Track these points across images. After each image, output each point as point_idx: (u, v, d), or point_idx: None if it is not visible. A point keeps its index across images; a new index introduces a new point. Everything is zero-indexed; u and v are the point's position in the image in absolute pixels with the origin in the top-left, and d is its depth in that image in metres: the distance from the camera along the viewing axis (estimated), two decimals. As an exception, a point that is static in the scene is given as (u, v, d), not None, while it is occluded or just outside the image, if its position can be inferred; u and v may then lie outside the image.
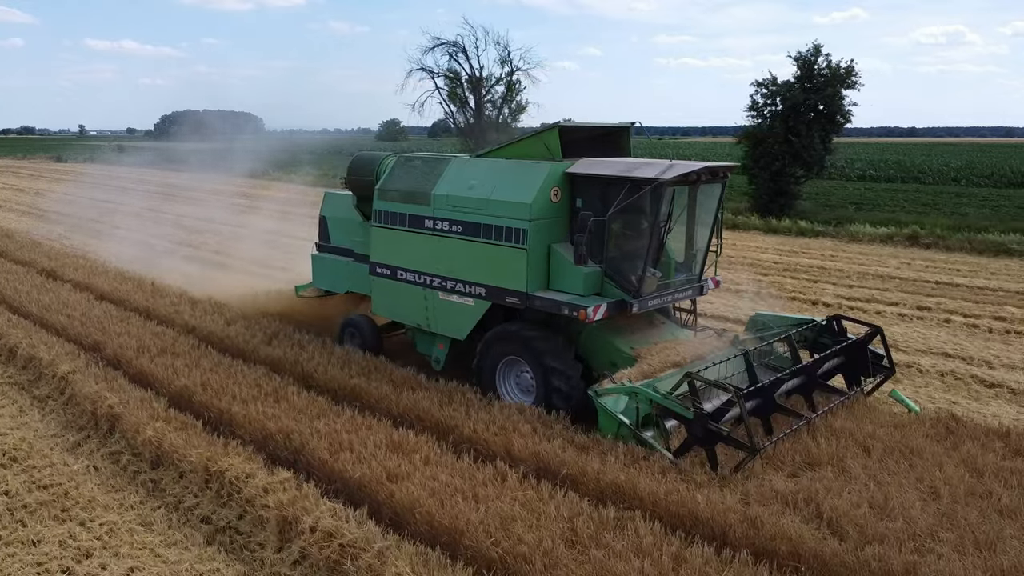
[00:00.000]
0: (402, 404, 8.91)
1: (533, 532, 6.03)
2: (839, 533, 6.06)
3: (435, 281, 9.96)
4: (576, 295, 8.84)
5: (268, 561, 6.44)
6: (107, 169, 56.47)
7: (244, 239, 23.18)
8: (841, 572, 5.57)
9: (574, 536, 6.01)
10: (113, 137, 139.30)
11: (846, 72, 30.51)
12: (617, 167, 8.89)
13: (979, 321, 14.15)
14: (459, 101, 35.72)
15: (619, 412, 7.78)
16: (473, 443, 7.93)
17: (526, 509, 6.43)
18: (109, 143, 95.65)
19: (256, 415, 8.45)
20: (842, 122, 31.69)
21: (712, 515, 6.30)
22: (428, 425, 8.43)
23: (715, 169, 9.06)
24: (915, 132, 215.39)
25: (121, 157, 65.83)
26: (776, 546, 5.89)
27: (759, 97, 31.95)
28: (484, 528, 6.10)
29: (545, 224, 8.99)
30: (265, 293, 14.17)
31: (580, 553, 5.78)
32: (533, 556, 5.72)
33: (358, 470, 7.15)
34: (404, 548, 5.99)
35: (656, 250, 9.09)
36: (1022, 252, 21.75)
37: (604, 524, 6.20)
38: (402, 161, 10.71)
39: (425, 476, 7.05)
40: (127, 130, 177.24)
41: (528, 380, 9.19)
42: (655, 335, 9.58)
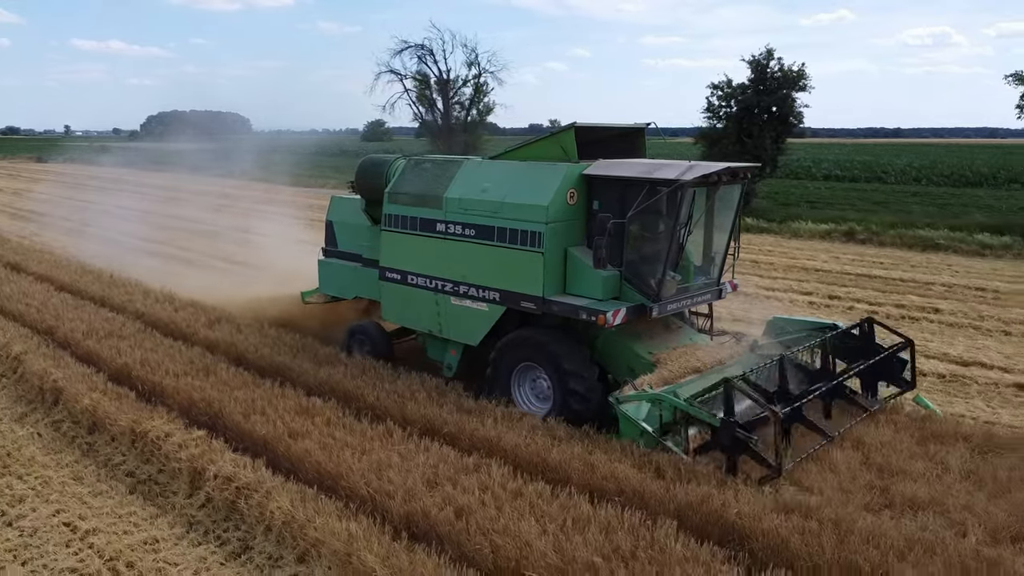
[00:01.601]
0: (319, 377, 9.90)
1: (401, 475, 7.05)
2: (661, 474, 7.10)
3: (447, 286, 9.75)
4: (594, 299, 8.66)
5: (179, 505, 7.43)
6: (87, 169, 57.16)
7: (213, 237, 24.10)
8: (652, 503, 6.60)
9: (435, 478, 7.03)
10: (98, 137, 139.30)
11: (797, 75, 31.71)
12: (636, 168, 8.73)
13: (880, 308, 15.25)
14: (428, 103, 36.75)
15: (641, 419, 7.62)
16: (373, 408, 8.94)
17: (402, 458, 7.46)
18: (92, 143, 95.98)
19: (184, 387, 9.42)
20: (794, 123, 32.91)
21: (559, 462, 7.34)
22: (338, 395, 9.42)
23: (735, 170, 8.85)
24: (900, 133, 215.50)
25: (103, 157, 66.40)
26: (606, 485, 6.93)
27: (715, 99, 33.15)
28: (361, 473, 7.12)
29: (562, 227, 8.81)
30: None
31: (436, 489, 6.80)
32: (396, 492, 6.75)
33: (264, 429, 8.15)
34: (287, 487, 7.00)
35: (676, 253, 8.96)
36: (949, 247, 22.91)
37: (464, 469, 7.22)
38: (413, 164, 10.56)
39: (323, 434, 8.05)
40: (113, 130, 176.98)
41: (544, 387, 9.04)
42: (673, 340, 9.39)
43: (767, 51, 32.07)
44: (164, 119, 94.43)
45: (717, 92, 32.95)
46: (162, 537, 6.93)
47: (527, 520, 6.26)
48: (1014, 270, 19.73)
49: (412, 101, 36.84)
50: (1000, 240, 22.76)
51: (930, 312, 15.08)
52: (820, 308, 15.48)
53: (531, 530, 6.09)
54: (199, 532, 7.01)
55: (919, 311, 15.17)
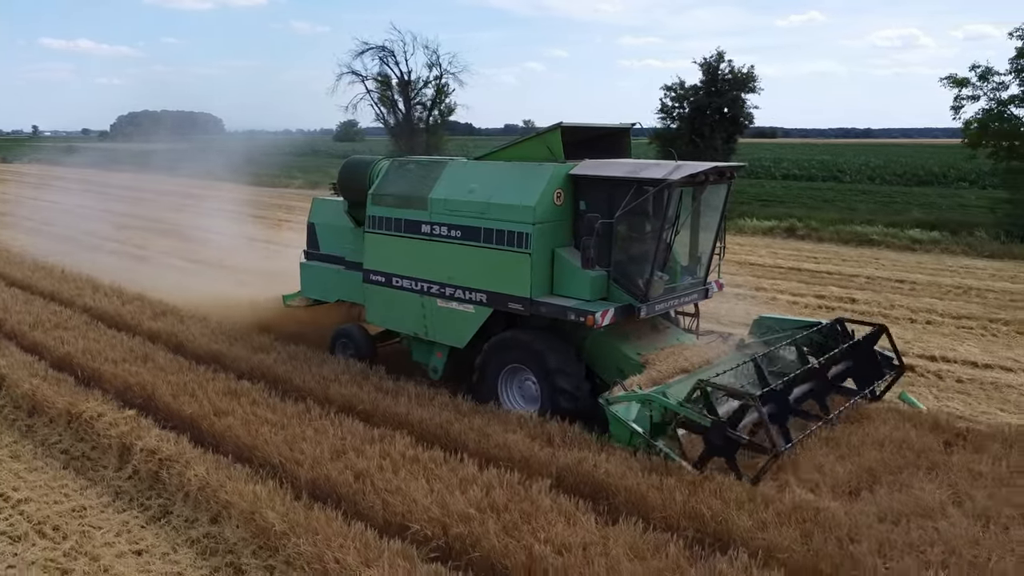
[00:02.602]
0: (251, 363, 10.52)
1: (312, 446, 7.71)
2: (551, 442, 7.82)
3: (433, 288, 9.68)
4: (582, 300, 8.64)
5: (108, 477, 8.02)
6: (53, 170, 56.88)
7: (171, 235, 24.53)
8: (535, 465, 7.32)
9: (342, 448, 7.69)
10: (67, 138, 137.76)
11: (746, 78, 32.79)
12: (623, 168, 8.71)
13: (800, 299, 16.16)
14: (389, 104, 37.35)
15: (631, 420, 7.60)
16: (299, 390, 9.58)
17: (316, 432, 8.11)
18: (58, 144, 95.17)
19: (121, 372, 10.00)
20: (745, 124, 34.02)
21: (458, 433, 8.06)
22: (268, 378, 10.05)
23: (722, 169, 8.89)
24: (871, 133, 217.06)
25: (70, 158, 66.08)
26: (498, 452, 7.65)
27: (668, 100, 34.16)
28: (275, 445, 7.77)
29: (549, 228, 8.78)
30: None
31: (341, 458, 7.46)
32: (304, 461, 7.41)
33: (191, 408, 8.77)
34: (206, 458, 7.63)
35: (663, 253, 8.94)
36: (882, 242, 23.94)
37: (370, 440, 7.90)
38: (396, 165, 10.49)
39: (246, 412, 8.67)
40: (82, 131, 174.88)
41: (532, 388, 9.03)
42: (661, 340, 9.40)
43: (718, 54, 33.17)
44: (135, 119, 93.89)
45: (670, 93, 33.99)
46: (90, 505, 7.53)
47: (419, 481, 6.96)
48: (936, 263, 20.77)
49: (374, 102, 37.42)
50: (929, 235, 23.84)
51: (846, 302, 16.00)
52: (745, 299, 16.31)
53: (420, 489, 6.78)
54: (124, 500, 7.61)
55: (836, 301, 16.08)
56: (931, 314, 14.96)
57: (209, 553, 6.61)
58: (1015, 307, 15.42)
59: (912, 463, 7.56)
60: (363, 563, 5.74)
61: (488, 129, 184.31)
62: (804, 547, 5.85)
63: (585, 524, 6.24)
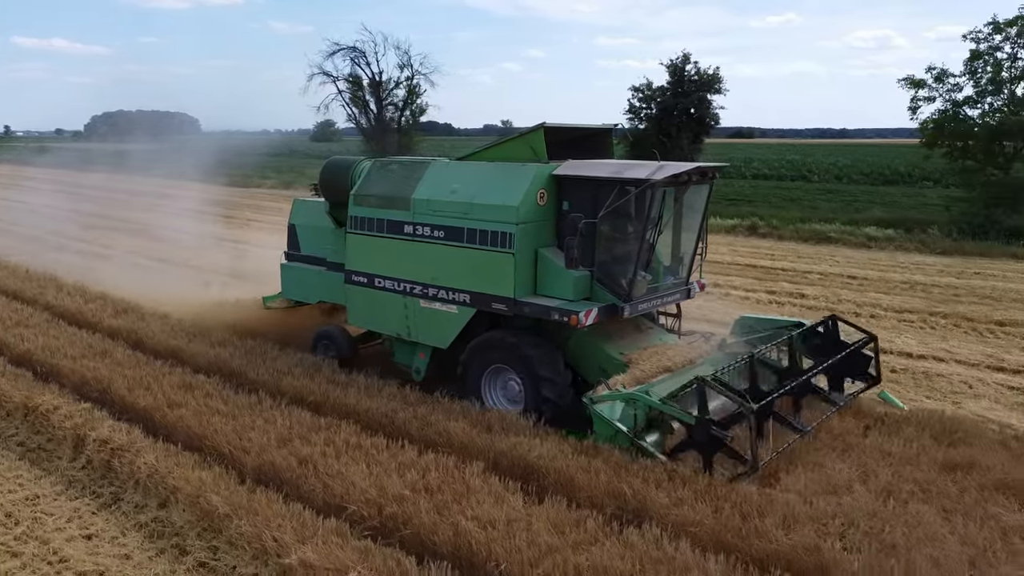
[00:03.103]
0: (208, 357, 10.79)
1: (260, 435, 8.02)
2: (491, 429, 8.19)
3: (416, 288, 9.69)
4: (566, 300, 8.67)
5: (62, 468, 8.28)
6: (23, 170, 56.38)
7: (138, 235, 24.64)
8: (472, 450, 7.70)
9: (289, 436, 8.01)
10: (40, 138, 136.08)
11: (711, 79, 33.39)
12: (606, 168, 8.76)
13: (752, 294, 16.68)
14: (361, 104, 37.56)
15: (615, 419, 7.65)
16: (253, 383, 9.86)
17: (265, 422, 8.42)
18: (29, 144, 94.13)
19: (79, 367, 10.23)
20: (711, 124, 34.63)
21: (403, 421, 8.41)
22: (223, 372, 10.33)
23: (704, 169, 8.98)
24: (846, 133, 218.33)
25: (42, 158, 65.47)
26: (438, 438, 8.01)
27: (636, 101, 34.70)
28: (224, 434, 8.07)
29: (532, 228, 8.81)
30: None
31: (287, 445, 7.78)
32: (251, 448, 7.73)
33: (145, 401, 9.04)
34: (156, 447, 7.92)
35: (647, 253, 8.95)
36: (839, 239, 24.59)
37: (316, 428, 8.23)
38: (379, 165, 10.47)
39: (199, 404, 8.96)
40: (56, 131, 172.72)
41: (515, 388, 9.07)
42: (643, 340, 9.45)
43: (684, 55, 33.76)
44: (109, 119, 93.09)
45: (638, 94, 34.53)
46: (43, 494, 7.78)
47: (359, 466, 7.29)
48: (889, 260, 21.42)
49: (346, 102, 37.63)
50: (884, 233, 24.53)
51: (796, 297, 16.55)
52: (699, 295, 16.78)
53: (360, 473, 7.12)
54: (77, 489, 7.87)
55: (787, 296, 16.63)
56: (875, 308, 15.52)
57: (156, 536, 6.90)
58: (956, 301, 16.03)
59: (828, 445, 8.03)
60: (298, 540, 6.07)
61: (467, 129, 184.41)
62: (713, 520, 6.26)
63: (512, 502, 6.62)
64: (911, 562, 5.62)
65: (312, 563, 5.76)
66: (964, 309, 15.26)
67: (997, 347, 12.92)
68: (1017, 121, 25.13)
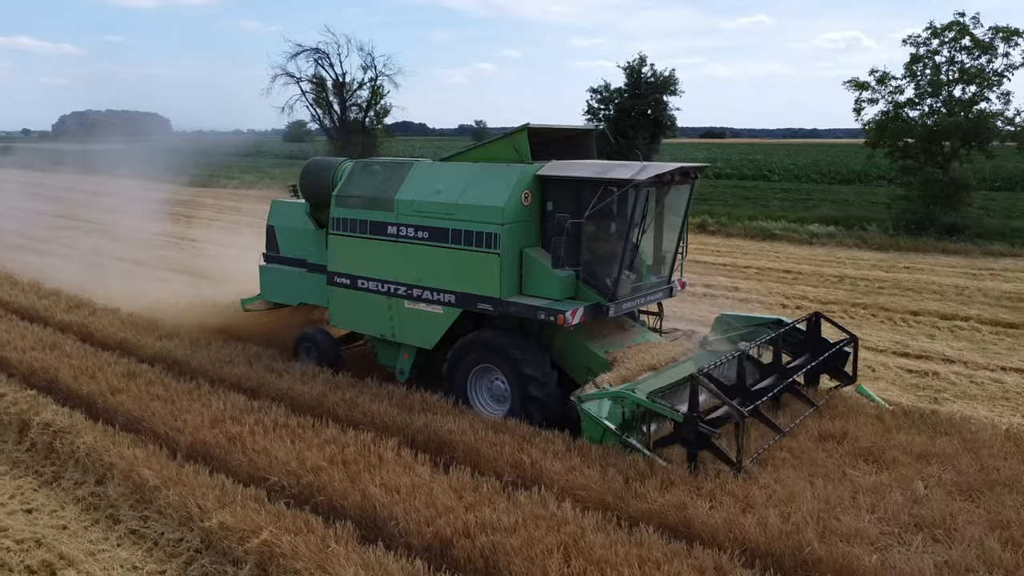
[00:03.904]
0: (155, 349, 11.31)
1: (195, 417, 8.58)
2: (412, 410, 8.82)
3: (400, 289, 9.68)
4: (551, 300, 8.73)
5: (7, 451, 8.77)
6: (-17, 171, 55.98)
7: (98, 235, 24.92)
8: (392, 428, 8.33)
9: (222, 417, 8.58)
10: (6, 137, 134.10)
11: (665, 81, 34.25)
12: (590, 169, 8.86)
13: (691, 288, 17.38)
14: (325, 105, 38.00)
15: (603, 417, 7.73)
16: (195, 371, 10.42)
17: (201, 405, 8.98)
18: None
19: (28, 358, 10.70)
20: (667, 125, 35.49)
21: (331, 404, 9.04)
22: (167, 362, 10.87)
23: (687, 170, 9.07)
24: (817, 133, 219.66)
25: (6, 158, 64.89)
26: (362, 418, 8.64)
27: (594, 102, 35.47)
28: (161, 416, 8.63)
29: (517, 228, 8.85)
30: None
31: (218, 425, 8.35)
32: (185, 428, 8.30)
33: (89, 388, 9.56)
34: (96, 428, 8.45)
35: (631, 252, 9.02)
36: (783, 236, 25.56)
37: (248, 410, 8.81)
38: (361, 166, 10.48)
39: (140, 391, 9.50)
40: (23, 131, 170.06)
41: (501, 388, 9.11)
42: (627, 339, 9.54)
43: (640, 58, 34.57)
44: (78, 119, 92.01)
45: (596, 96, 35.30)
46: (-12, 475, 8.29)
47: (284, 442, 7.90)
48: (827, 255, 22.37)
49: (309, 103, 38.02)
50: (826, 230, 25.51)
51: (730, 290, 17.38)
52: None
53: (283, 448, 7.73)
54: (21, 469, 8.38)
55: (722, 289, 17.44)
56: (802, 300, 16.37)
57: (92, 509, 7.45)
58: (878, 293, 16.96)
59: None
60: (220, 506, 6.66)
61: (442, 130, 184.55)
62: (599, 484, 6.95)
63: (419, 472, 7.26)
64: (763, 517, 6.33)
65: (230, 525, 6.35)
66: (884, 300, 16.17)
67: (906, 335, 13.80)
68: (953, 122, 26.23)
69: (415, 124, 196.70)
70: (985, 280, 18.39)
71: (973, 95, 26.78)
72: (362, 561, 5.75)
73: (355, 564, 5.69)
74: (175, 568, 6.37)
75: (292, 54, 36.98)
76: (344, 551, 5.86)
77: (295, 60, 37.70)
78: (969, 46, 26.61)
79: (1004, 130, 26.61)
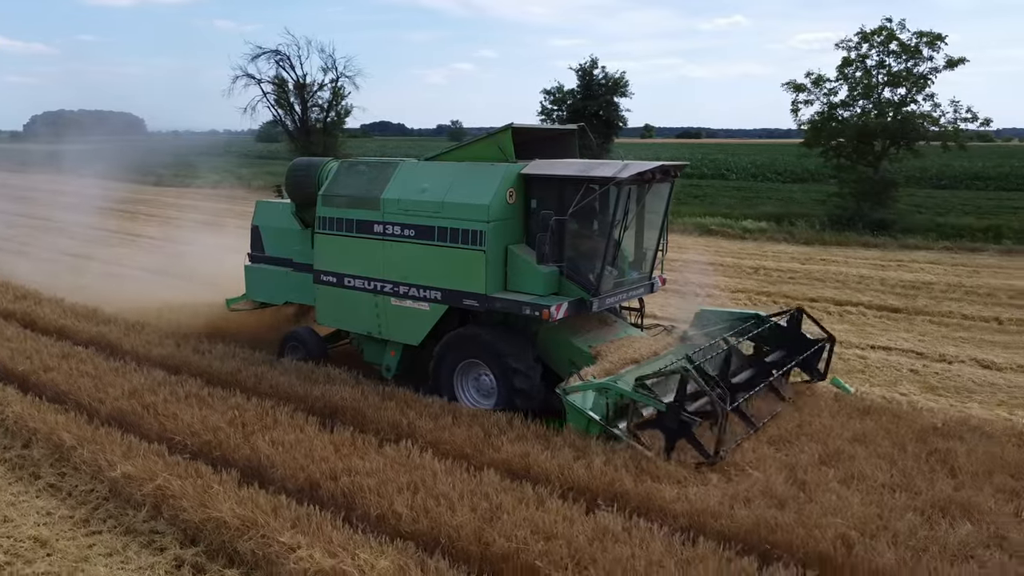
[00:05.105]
0: (91, 333, 12.20)
1: (116, 389, 9.50)
2: (315, 382, 9.80)
3: (387, 287, 9.87)
4: (536, 295, 8.97)
5: (-57, 424, 9.65)
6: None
7: (57, 233, 25.61)
8: (293, 397, 9.32)
9: (140, 389, 9.50)
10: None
11: (615, 83, 35.44)
12: (573, 167, 9.13)
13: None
14: (286, 106, 38.81)
15: (588, 408, 7.97)
16: (125, 352, 11.31)
17: (124, 380, 9.90)
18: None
19: (-32, 343, 11.57)
20: (618, 126, 36.68)
21: (244, 378, 10.02)
22: (101, 345, 11.76)
23: (667, 168, 9.30)
24: (792, 133, 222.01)
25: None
26: (268, 390, 9.64)
27: (548, 103, 36.57)
28: (86, 389, 9.55)
29: (502, 225, 9.06)
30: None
31: (136, 396, 9.29)
32: (106, 399, 9.24)
33: (24, 366, 10.46)
34: (26, 400, 9.33)
35: (613, 249, 9.24)
36: (719, 232, 26.80)
37: (166, 383, 9.74)
38: (346, 166, 10.68)
39: (71, 369, 10.39)
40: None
41: (488, 383, 9.30)
42: (609, 333, 9.77)
43: (591, 60, 35.73)
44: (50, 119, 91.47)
45: (549, 97, 36.41)
46: (-78, 447, 9.15)
47: (193, 409, 8.87)
48: (755, 249, 23.63)
49: (271, 104, 38.81)
50: (758, 225, 26.77)
51: (652, 281, 18.46)
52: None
53: (191, 414, 8.69)
54: (-47, 440, 9.26)
55: (643, 280, 18.54)
56: (715, 289, 17.52)
57: (17, 468, 8.32)
58: (784, 283, 18.21)
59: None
60: (124, 459, 7.60)
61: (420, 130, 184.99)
62: (462, 439, 7.99)
63: (307, 431, 8.27)
64: (591, 463, 7.38)
65: (131, 474, 7.32)
66: (787, 288, 17.41)
67: (799, 319, 14.96)
68: (880, 123, 27.63)
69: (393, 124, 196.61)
70: (890, 271, 19.70)
71: (902, 97, 28.21)
72: (237, 498, 6.74)
73: (231, 500, 6.67)
74: (83, 513, 7.29)
75: (253, 56, 37.74)
76: (223, 491, 6.85)
77: (255, 62, 38.44)
78: (896, 50, 28.05)
79: (929, 130, 28.06)
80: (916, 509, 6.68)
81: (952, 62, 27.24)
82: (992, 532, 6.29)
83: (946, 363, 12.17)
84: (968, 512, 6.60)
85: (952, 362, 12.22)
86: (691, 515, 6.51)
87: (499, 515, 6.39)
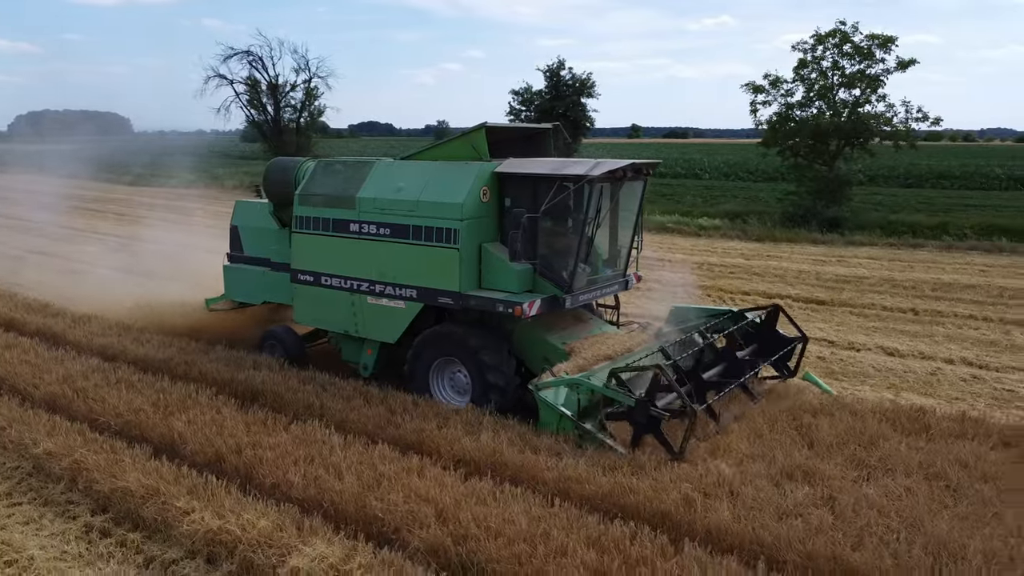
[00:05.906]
0: (38, 325, 12.77)
1: (51, 376, 10.04)
2: (242, 367, 10.37)
3: (363, 285, 9.95)
4: (510, 292, 9.05)
5: None
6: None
7: (23, 231, 26.06)
8: (218, 381, 9.89)
9: (74, 377, 10.04)
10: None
11: (583, 83, 36.12)
12: (546, 166, 9.24)
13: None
14: (259, 106, 39.29)
15: (560, 404, 8.06)
16: (68, 343, 11.84)
17: (62, 367, 10.44)
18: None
19: (-81, 334, 12.08)
20: (586, 126, 37.36)
21: (175, 364, 10.59)
22: (46, 335, 12.31)
23: (639, 166, 9.38)
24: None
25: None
26: (198, 376, 10.20)
27: (516, 103, 37.20)
28: (23, 376, 10.10)
29: (476, 224, 9.15)
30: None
31: (68, 381, 9.83)
32: (41, 384, 9.79)
33: (-20, 360, 10.98)
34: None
35: (586, 246, 9.28)
36: (675, 229, 27.47)
37: (100, 370, 10.30)
38: (323, 165, 10.76)
39: (13, 357, 10.92)
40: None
41: (463, 380, 9.42)
42: (584, 330, 9.88)
43: (559, 61, 36.37)
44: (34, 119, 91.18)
45: (518, 97, 37.04)
46: None
47: (121, 393, 9.43)
48: (706, 246, 24.34)
49: (243, 104, 39.27)
50: (712, 223, 27.49)
51: (596, 276, 19.10)
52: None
53: (117, 397, 9.25)
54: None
55: (589, 275, 19.18)
56: (656, 283, 18.11)
57: (-50, 449, 8.89)
58: (723, 276, 18.89)
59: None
60: (47, 436, 8.16)
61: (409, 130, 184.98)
62: (368, 418, 8.59)
63: (224, 412, 8.85)
64: (480, 438, 7.99)
65: (51, 450, 7.88)
66: (724, 283, 18.09)
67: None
68: (833, 122, 28.39)
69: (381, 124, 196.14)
70: (829, 266, 20.44)
71: (857, 98, 28.98)
72: (144, 469, 7.33)
73: (138, 471, 7.26)
74: (7, 487, 7.80)
75: (225, 57, 38.20)
76: (132, 464, 7.45)
77: (227, 63, 38.89)
78: (850, 52, 28.81)
79: (881, 130, 28.84)
80: (768, 476, 7.33)
81: (903, 63, 28.04)
82: (826, 495, 6.93)
83: (854, 351, 12.86)
84: (811, 477, 7.25)
85: (860, 350, 12.91)
86: (558, 481, 7.14)
87: (381, 482, 7.00)
